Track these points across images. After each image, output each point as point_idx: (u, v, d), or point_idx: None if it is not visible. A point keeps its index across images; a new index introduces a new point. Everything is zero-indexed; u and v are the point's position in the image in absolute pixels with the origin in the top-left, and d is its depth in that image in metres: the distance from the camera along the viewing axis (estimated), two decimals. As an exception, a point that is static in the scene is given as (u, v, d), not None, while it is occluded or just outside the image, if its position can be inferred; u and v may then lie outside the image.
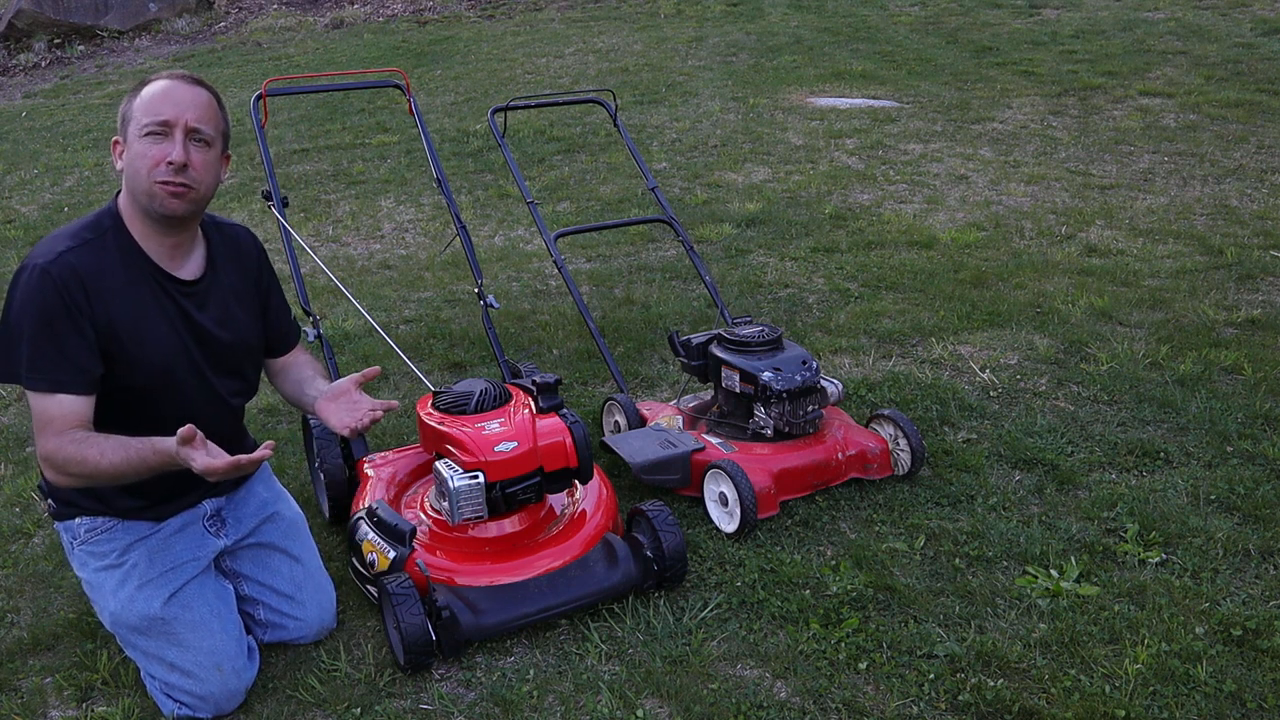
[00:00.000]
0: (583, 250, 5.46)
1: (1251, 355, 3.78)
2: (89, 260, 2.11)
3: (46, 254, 2.09)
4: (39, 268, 2.07)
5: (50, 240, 2.14)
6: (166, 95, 2.14)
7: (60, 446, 2.07)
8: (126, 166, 2.16)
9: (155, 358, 2.19)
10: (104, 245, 2.15)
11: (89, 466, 2.06)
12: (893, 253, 5.13)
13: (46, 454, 2.10)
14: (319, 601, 2.50)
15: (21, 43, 13.28)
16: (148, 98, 2.14)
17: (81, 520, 2.29)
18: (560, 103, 4.73)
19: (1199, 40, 9.58)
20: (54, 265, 2.07)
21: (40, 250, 2.12)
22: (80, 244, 2.12)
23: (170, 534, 2.33)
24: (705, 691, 2.27)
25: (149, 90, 2.15)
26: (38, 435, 2.11)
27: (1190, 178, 6.20)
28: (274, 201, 3.43)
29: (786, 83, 8.90)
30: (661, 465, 2.95)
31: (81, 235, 2.14)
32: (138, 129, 2.12)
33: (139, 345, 2.16)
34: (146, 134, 2.11)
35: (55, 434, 2.08)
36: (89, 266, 2.11)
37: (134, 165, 2.14)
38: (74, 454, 2.06)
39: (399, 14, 13.70)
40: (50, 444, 2.09)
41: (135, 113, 2.14)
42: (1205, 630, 2.39)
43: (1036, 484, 3.06)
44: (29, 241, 6.36)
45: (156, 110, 2.12)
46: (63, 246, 2.11)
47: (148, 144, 2.12)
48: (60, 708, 2.38)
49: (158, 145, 2.12)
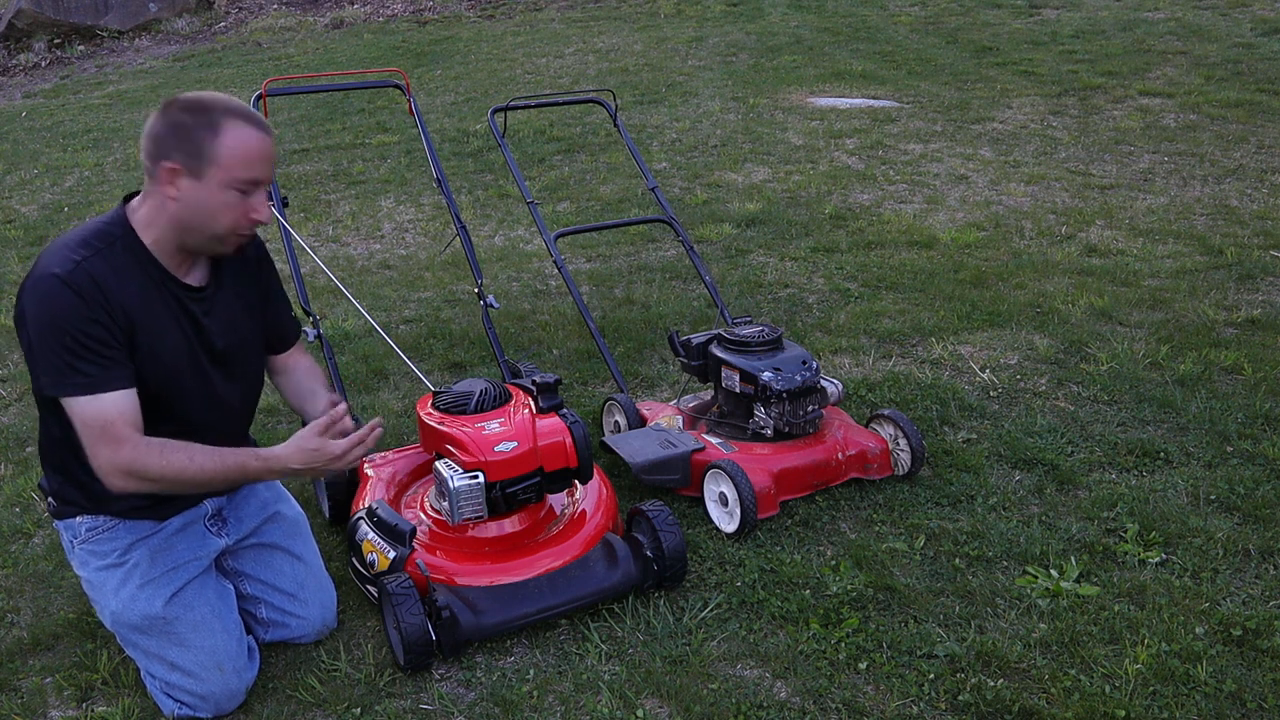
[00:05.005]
0: (583, 250, 5.46)
1: (1251, 355, 3.78)
2: (103, 267, 2.08)
3: (60, 264, 2.04)
4: (56, 277, 2.02)
5: (58, 250, 2.09)
6: (261, 154, 2.11)
7: (141, 456, 2.04)
8: (193, 204, 2.10)
9: (168, 362, 2.18)
10: (115, 253, 2.12)
11: (173, 472, 2.06)
12: (893, 253, 5.13)
13: (124, 464, 2.04)
14: (321, 600, 2.51)
15: (21, 43, 13.28)
16: (240, 151, 2.08)
17: (82, 519, 2.28)
18: (560, 103, 4.73)
19: (1199, 40, 9.58)
20: (73, 274, 2.03)
21: (51, 261, 2.06)
22: (93, 252, 2.08)
23: (172, 533, 2.33)
24: (705, 691, 2.27)
25: (239, 141, 2.08)
26: (99, 446, 2.04)
27: (1190, 178, 6.20)
28: (274, 201, 3.42)
29: (786, 83, 8.90)
30: (661, 465, 2.95)
31: (91, 244, 2.10)
32: (227, 179, 2.08)
33: (153, 350, 2.15)
34: (233, 188, 2.10)
35: (123, 440, 2.04)
36: (105, 273, 2.07)
37: (209, 211, 2.11)
38: (158, 463, 2.05)
39: (399, 14, 13.70)
40: (126, 454, 2.04)
41: (224, 160, 2.07)
42: (1205, 630, 2.39)
43: (1036, 484, 3.06)
44: (29, 241, 6.36)
45: (251, 169, 2.10)
46: (76, 255, 2.06)
47: (234, 197, 2.11)
48: (60, 708, 2.38)
49: (243, 201, 2.12)
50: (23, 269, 5.84)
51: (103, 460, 2.05)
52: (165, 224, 2.14)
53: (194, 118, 2.06)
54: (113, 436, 2.04)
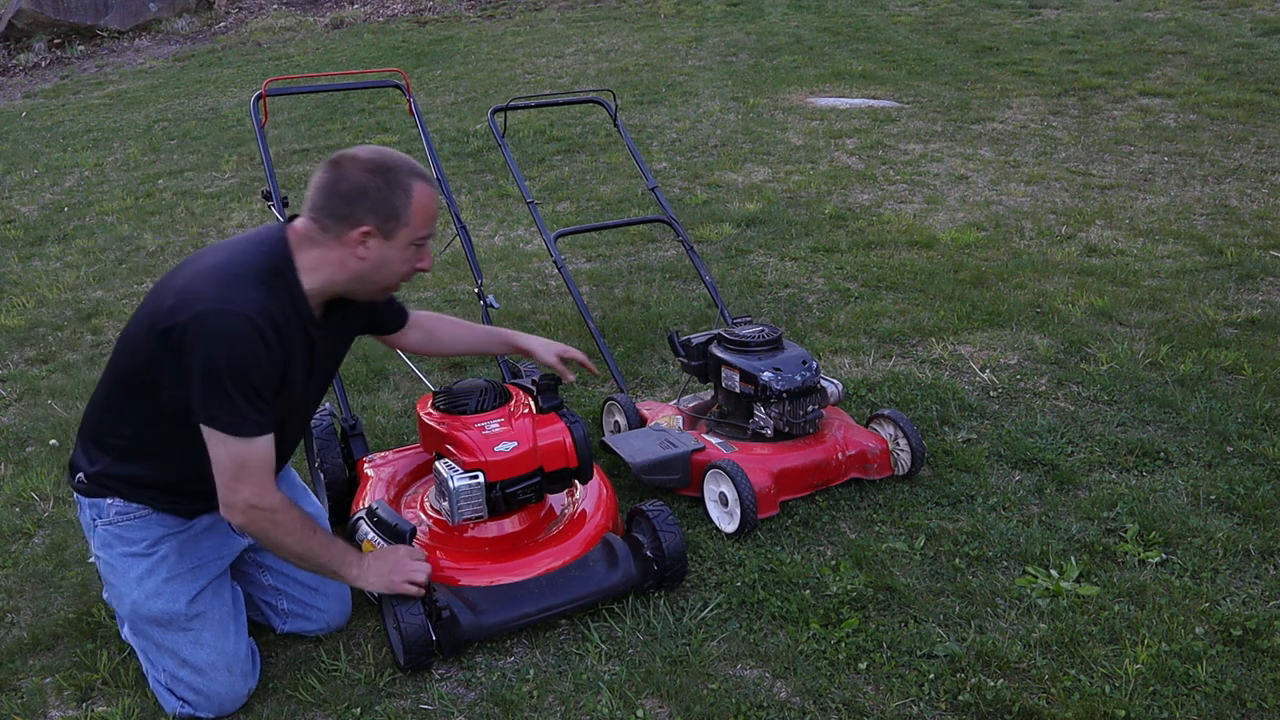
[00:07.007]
0: (583, 250, 5.46)
1: (1251, 355, 3.78)
2: (277, 310, 2.12)
3: (246, 303, 2.07)
4: (248, 320, 2.05)
5: (236, 281, 2.10)
6: (436, 209, 2.27)
7: (281, 508, 2.18)
8: (379, 262, 2.20)
9: (293, 395, 2.26)
10: (283, 292, 2.15)
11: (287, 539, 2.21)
12: (893, 253, 5.13)
13: (260, 503, 2.13)
14: (341, 595, 2.55)
15: (21, 43, 13.28)
16: (426, 211, 2.21)
17: (113, 501, 2.28)
18: (560, 103, 4.73)
19: (1199, 40, 9.58)
20: (259, 317, 2.07)
21: (232, 295, 2.07)
22: (270, 293, 2.12)
23: (199, 531, 2.35)
24: (705, 691, 2.27)
25: (425, 201, 2.21)
26: (237, 482, 2.11)
27: (1190, 178, 6.20)
28: (274, 201, 3.42)
29: (786, 83, 8.90)
30: (661, 465, 2.95)
31: (267, 281, 2.13)
32: (412, 237, 2.21)
33: (289, 383, 2.21)
34: (414, 244, 2.22)
35: (265, 481, 2.14)
36: (279, 316, 2.13)
37: (392, 267, 2.23)
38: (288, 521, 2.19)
39: (399, 14, 13.70)
40: (273, 498, 2.16)
41: (413, 220, 2.19)
42: (1205, 630, 2.39)
43: (1036, 484, 3.06)
44: (29, 241, 6.36)
45: (430, 225, 2.24)
46: (259, 296, 2.09)
47: (412, 252, 2.24)
48: (60, 708, 2.38)
49: (417, 254, 2.26)
50: (23, 269, 5.85)
51: (236, 497, 2.13)
52: (340, 277, 2.22)
53: (385, 180, 2.16)
54: (256, 477, 2.13)
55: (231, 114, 9.32)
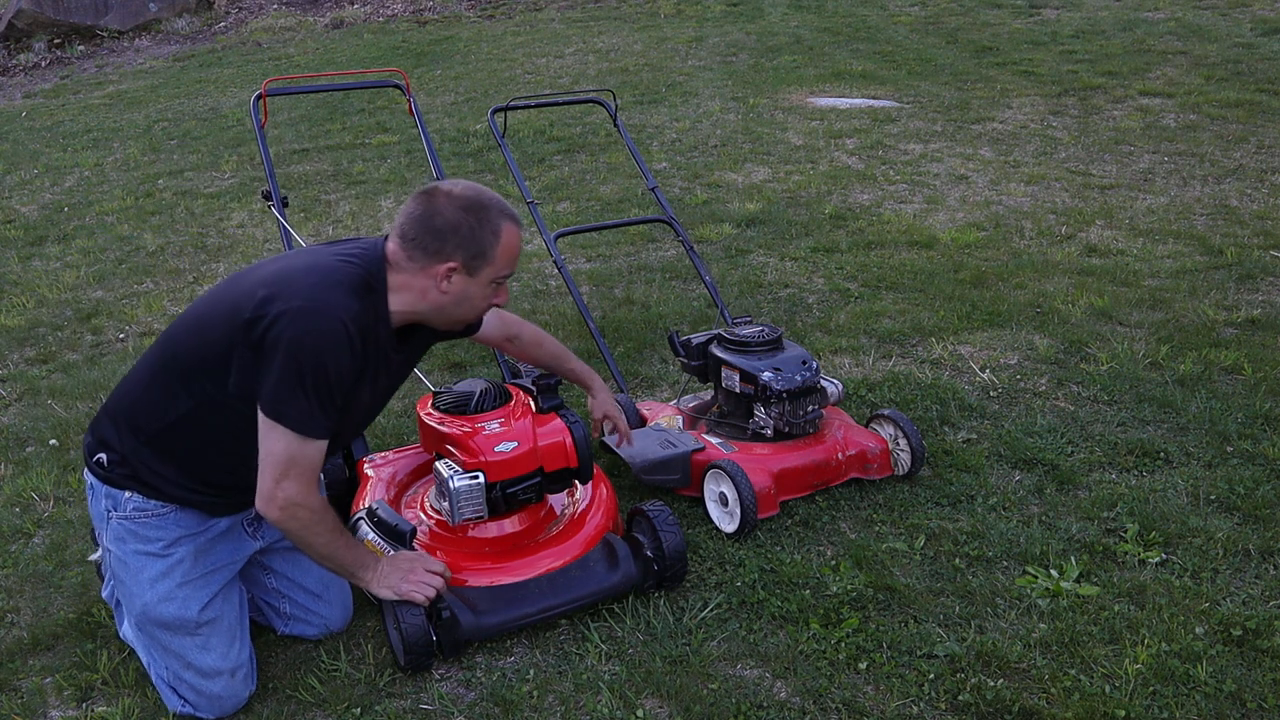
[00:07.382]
0: (583, 250, 5.46)
1: (1251, 355, 3.78)
2: (367, 320, 2.15)
3: (345, 309, 2.09)
4: (344, 325, 2.07)
5: (334, 286, 2.12)
6: (520, 250, 2.31)
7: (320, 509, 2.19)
8: (460, 297, 2.24)
9: (359, 406, 2.29)
10: (372, 305, 2.18)
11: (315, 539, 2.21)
12: (893, 253, 5.13)
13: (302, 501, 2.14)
14: (344, 602, 2.56)
15: (21, 43, 13.29)
16: (511, 252, 2.26)
17: (132, 496, 2.26)
18: (560, 103, 4.73)
19: (1199, 40, 9.58)
20: (353, 324, 2.10)
21: (328, 295, 2.09)
22: (362, 305, 2.14)
23: (215, 535, 2.35)
24: (705, 691, 2.27)
25: (512, 242, 2.25)
26: (284, 477, 2.11)
27: (1190, 178, 6.20)
28: (274, 201, 3.43)
29: (786, 83, 8.90)
30: (661, 465, 2.95)
31: (360, 293, 2.15)
32: (494, 275, 2.25)
33: (356, 396, 2.23)
34: (495, 281, 2.27)
35: (311, 481, 2.15)
36: (367, 327, 2.15)
37: (470, 301, 2.27)
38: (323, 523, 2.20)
39: (399, 14, 13.70)
40: (315, 499, 2.17)
41: (498, 261, 2.23)
42: (1205, 630, 2.39)
43: (1036, 484, 3.06)
44: (29, 241, 6.36)
45: (513, 265, 2.28)
46: (354, 304, 2.12)
47: (491, 289, 2.28)
48: (60, 708, 2.38)
49: (497, 290, 2.31)
50: (23, 269, 5.85)
51: (280, 491, 2.12)
52: (421, 305, 2.24)
53: (477, 219, 2.19)
54: (303, 476, 2.13)
55: (231, 114, 9.33)
